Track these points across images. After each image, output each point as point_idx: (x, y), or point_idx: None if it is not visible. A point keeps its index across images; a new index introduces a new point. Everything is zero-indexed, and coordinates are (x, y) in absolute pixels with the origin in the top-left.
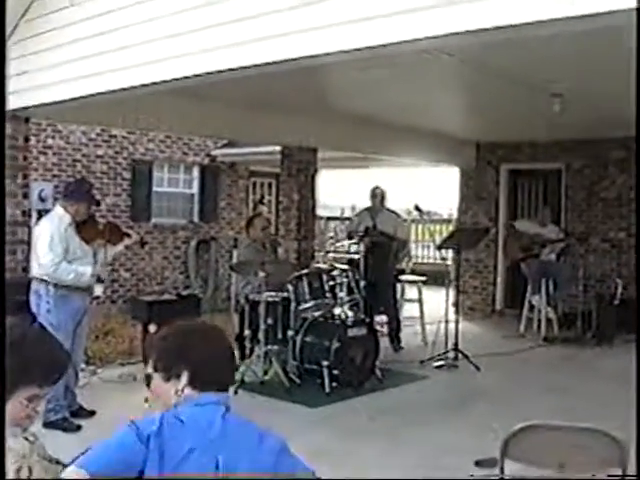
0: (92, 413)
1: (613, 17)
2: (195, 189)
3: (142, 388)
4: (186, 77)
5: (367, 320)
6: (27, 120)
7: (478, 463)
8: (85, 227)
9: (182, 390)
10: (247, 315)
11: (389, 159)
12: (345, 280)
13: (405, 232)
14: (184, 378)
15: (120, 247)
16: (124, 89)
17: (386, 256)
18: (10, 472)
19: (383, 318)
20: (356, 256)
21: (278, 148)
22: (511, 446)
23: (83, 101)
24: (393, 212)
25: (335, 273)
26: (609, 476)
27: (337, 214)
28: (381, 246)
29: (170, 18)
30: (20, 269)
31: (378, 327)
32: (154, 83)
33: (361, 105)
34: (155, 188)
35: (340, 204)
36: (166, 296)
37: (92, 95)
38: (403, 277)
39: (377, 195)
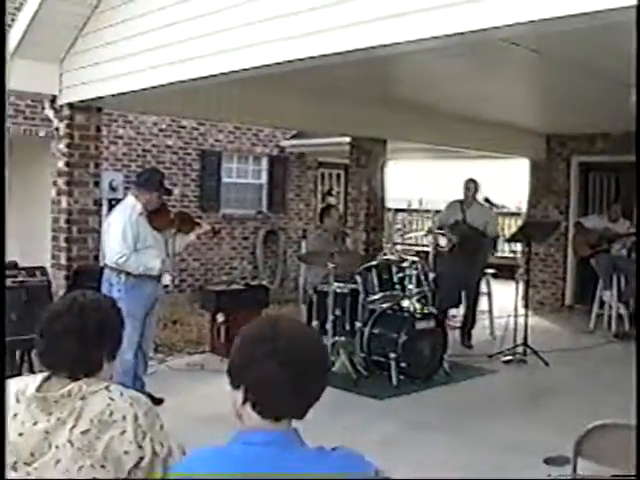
0: (160, 401)
1: None
2: (264, 180)
3: (209, 377)
4: (256, 67)
5: (435, 313)
6: (99, 110)
7: (547, 461)
8: (156, 216)
9: (242, 407)
10: (315, 306)
11: (458, 151)
12: (414, 272)
13: (495, 228)
14: (241, 393)
15: (192, 237)
16: (194, 79)
17: (475, 251)
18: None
19: (455, 312)
20: (426, 248)
21: (347, 139)
22: (583, 445)
23: (154, 91)
24: (485, 206)
25: (404, 265)
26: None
27: (404, 206)
28: (470, 241)
29: (241, 7)
30: (92, 257)
31: (450, 321)
32: (224, 73)
33: (432, 96)
34: (224, 179)
35: (407, 196)
36: (234, 286)
37: (163, 85)
38: None
39: (470, 188)
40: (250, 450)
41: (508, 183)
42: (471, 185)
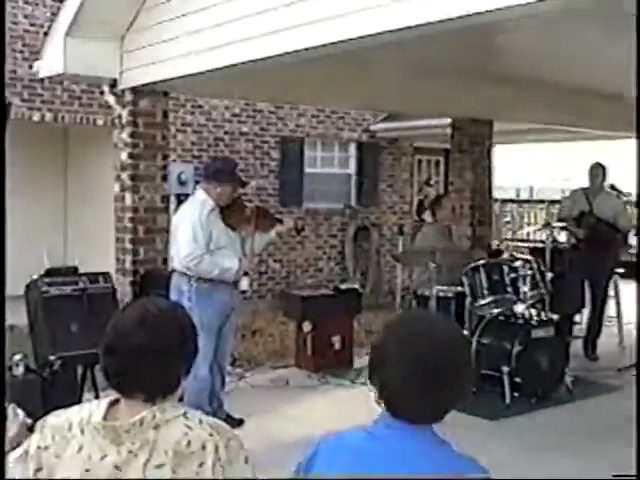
0: (241, 422)
1: None
2: (352, 169)
3: (295, 395)
4: (341, 41)
5: (555, 319)
6: (166, 94)
7: None
8: (230, 212)
9: (378, 402)
10: None
11: (576, 131)
12: (529, 273)
13: (628, 220)
14: (376, 389)
15: (272, 235)
16: (269, 57)
17: (605, 247)
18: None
19: (578, 318)
20: (541, 244)
21: (448, 120)
22: None
23: (226, 72)
24: (613, 195)
25: (517, 264)
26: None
27: (512, 196)
28: (600, 235)
29: None
30: (160, 260)
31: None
32: (304, 49)
33: (544, 68)
34: (307, 169)
35: (516, 185)
36: (322, 290)
37: (236, 65)
38: None
39: (597, 174)
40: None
41: (629, 167)
42: (598, 171)
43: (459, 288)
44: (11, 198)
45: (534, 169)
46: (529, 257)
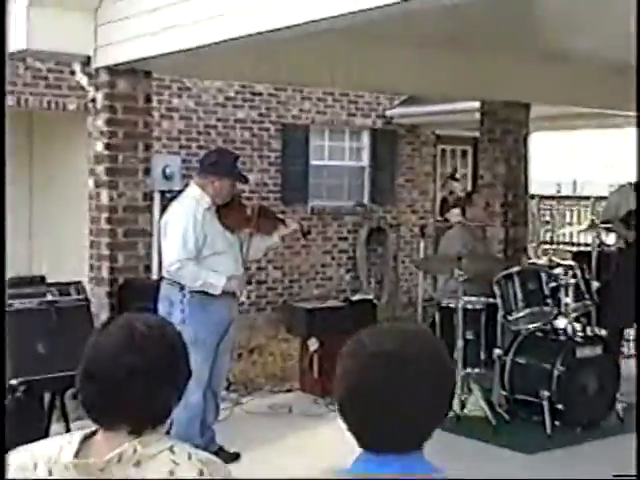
0: (236, 457)
1: None
2: (365, 161)
3: (299, 423)
4: (351, 13)
5: (603, 336)
6: (148, 75)
7: None
8: (228, 211)
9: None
10: (438, 327)
11: (624, 115)
12: (571, 281)
13: None
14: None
15: (275, 239)
16: (267, 32)
17: None
18: None
19: (629, 334)
20: (586, 248)
21: (476, 104)
22: None
23: (217, 48)
24: None
25: (557, 271)
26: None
27: (552, 192)
28: None
29: None
30: (142, 268)
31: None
32: (305, 23)
33: (592, 42)
34: (313, 161)
35: (557, 179)
36: (330, 302)
37: (226, 41)
38: None
39: None
40: None
41: None
42: None
43: (490, 299)
44: None
45: (578, 161)
46: (572, 263)
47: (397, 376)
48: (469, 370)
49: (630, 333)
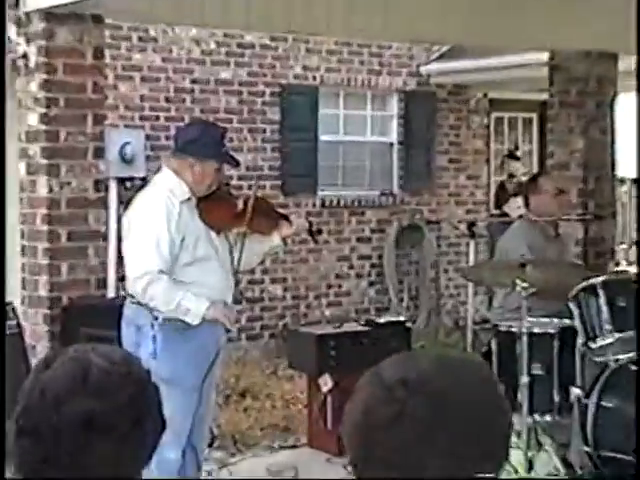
0: None
1: None
2: (393, 136)
3: None
4: None
5: None
6: (98, 20)
7: None
8: (213, 205)
9: None
10: (495, 358)
11: None
12: None
13: None
14: None
15: (274, 240)
16: None
17: None
18: None
19: None
20: None
21: (544, 56)
22: None
23: None
24: None
25: None
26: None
27: None
28: None
29: None
30: (94, 283)
31: None
32: None
33: None
34: (323, 136)
35: None
36: (349, 326)
37: None
38: None
39: None
40: None
41: None
42: None
43: (565, 321)
44: None
45: None
46: None
47: (424, 416)
48: (537, 417)
49: None
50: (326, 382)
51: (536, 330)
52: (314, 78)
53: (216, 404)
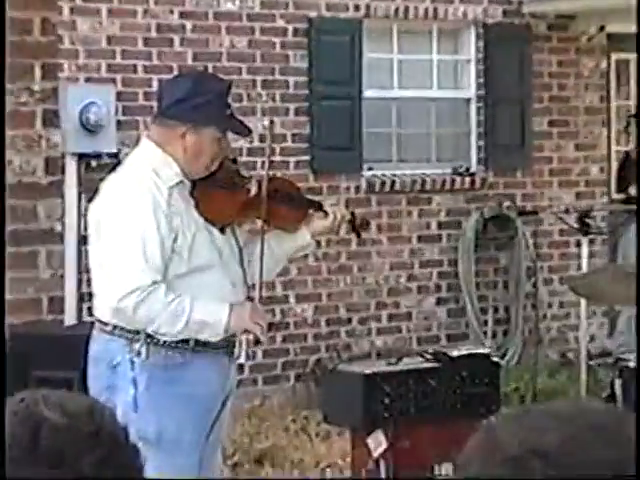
0: None
1: None
2: (470, 89)
3: None
4: None
5: None
6: None
7: None
8: (215, 191)
9: None
10: (620, 404)
11: None
12: None
13: None
14: None
15: (304, 238)
16: None
17: None
18: None
19: None
20: None
21: None
22: None
23: None
24: None
25: None
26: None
27: None
28: None
29: None
30: (45, 304)
31: None
32: None
33: None
34: (368, 91)
35: None
36: (410, 362)
37: None
38: None
39: None
40: None
41: None
42: None
43: None
44: None
45: None
46: None
47: None
48: None
49: None
50: (378, 442)
51: None
52: (356, 8)
53: (221, 474)
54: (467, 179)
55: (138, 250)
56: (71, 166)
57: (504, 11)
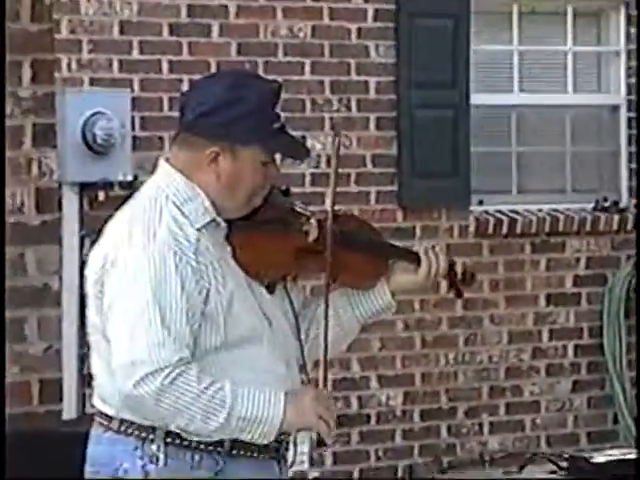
0: None
1: None
2: (620, 93)
3: None
4: None
5: None
6: None
7: None
8: (261, 235)
9: None
10: None
11: None
12: None
13: None
14: None
15: (384, 297)
16: None
17: None
18: None
19: None
20: None
21: None
22: None
23: None
24: None
25: None
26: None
27: None
28: None
29: None
30: (36, 389)
31: None
32: None
33: None
34: (477, 96)
35: None
36: (537, 469)
37: None
38: None
39: None
40: None
41: None
42: None
43: None
44: None
45: None
46: None
47: None
48: None
49: None
50: None
51: None
52: None
53: None
54: (615, 217)
55: (157, 318)
56: (71, 200)
57: None
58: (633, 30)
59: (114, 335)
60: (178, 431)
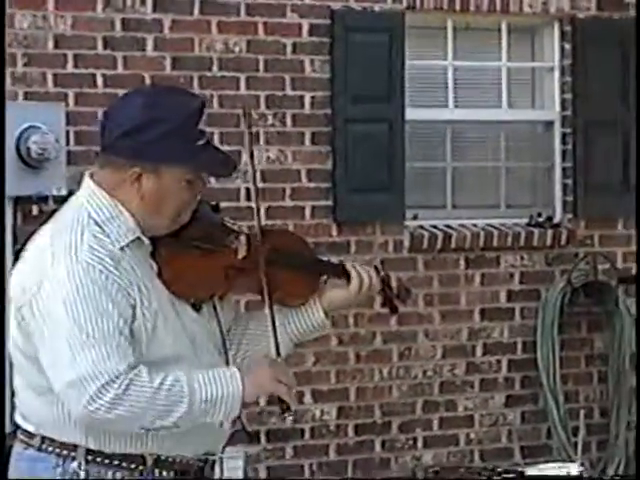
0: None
1: None
2: (554, 109)
3: None
4: None
5: None
6: None
7: None
8: (186, 254)
9: None
10: None
11: None
12: None
13: None
14: None
15: (314, 317)
16: None
17: None
18: None
19: None
20: None
21: None
22: None
23: None
24: None
25: None
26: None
27: None
28: None
29: None
30: None
31: None
32: None
33: None
34: (412, 111)
35: None
36: None
37: None
38: None
39: None
40: None
41: None
42: None
43: None
44: None
45: None
46: None
47: None
48: None
49: None
50: None
51: None
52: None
53: None
54: (549, 232)
55: (95, 333)
56: (4, 215)
57: (599, 1)
58: (567, 46)
59: (52, 361)
60: (99, 449)
